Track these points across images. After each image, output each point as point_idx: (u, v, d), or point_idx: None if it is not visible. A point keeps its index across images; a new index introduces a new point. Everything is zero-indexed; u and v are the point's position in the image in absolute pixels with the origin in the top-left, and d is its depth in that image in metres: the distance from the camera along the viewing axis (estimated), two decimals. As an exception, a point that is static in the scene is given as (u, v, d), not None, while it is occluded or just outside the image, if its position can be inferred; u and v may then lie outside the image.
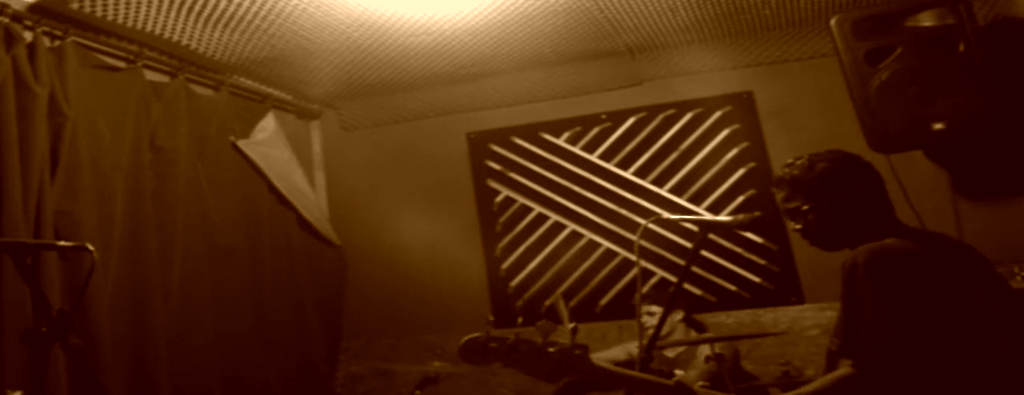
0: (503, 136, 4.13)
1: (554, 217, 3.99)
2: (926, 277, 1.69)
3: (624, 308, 3.82)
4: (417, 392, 3.10)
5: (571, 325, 1.78)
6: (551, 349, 1.71)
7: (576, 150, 4.01)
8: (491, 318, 1.79)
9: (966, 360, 1.65)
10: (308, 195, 3.98)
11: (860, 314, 1.68)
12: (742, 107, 3.81)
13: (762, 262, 3.69)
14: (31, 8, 2.62)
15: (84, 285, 2.00)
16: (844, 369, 1.72)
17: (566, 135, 4.04)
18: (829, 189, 1.87)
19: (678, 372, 3.23)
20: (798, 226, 1.93)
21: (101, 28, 2.89)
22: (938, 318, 1.64)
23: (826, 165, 1.89)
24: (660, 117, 3.92)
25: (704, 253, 3.70)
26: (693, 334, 3.42)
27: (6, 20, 2.49)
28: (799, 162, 1.94)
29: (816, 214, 1.89)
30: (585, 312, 3.88)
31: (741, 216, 2.07)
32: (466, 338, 1.71)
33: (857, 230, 1.85)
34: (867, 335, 1.67)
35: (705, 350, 3.16)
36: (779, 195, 1.97)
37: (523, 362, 1.71)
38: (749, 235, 3.70)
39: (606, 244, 3.90)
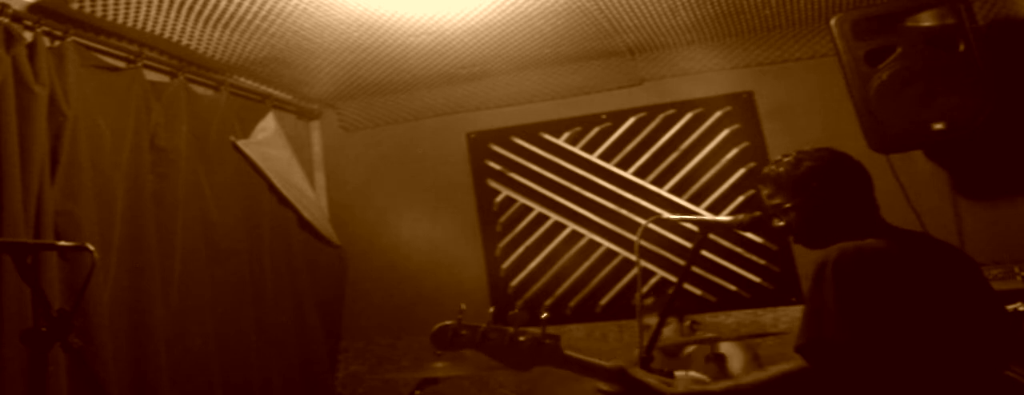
0: (503, 136, 4.13)
1: (554, 217, 3.99)
2: (896, 279, 1.67)
3: (624, 308, 3.83)
4: (417, 393, 3.09)
5: (544, 315, 1.80)
6: (522, 338, 1.76)
7: (576, 150, 4.01)
8: (463, 307, 1.82)
9: (930, 362, 1.63)
10: (308, 195, 3.98)
11: (823, 312, 1.67)
12: (742, 107, 3.81)
13: (762, 262, 3.69)
14: (31, 8, 2.62)
15: (84, 285, 1.99)
16: (795, 362, 1.72)
17: (566, 135, 4.04)
18: (811, 188, 1.87)
19: (679, 373, 3.22)
20: (781, 223, 1.93)
21: (101, 28, 2.89)
22: (903, 321, 1.63)
23: (811, 163, 1.89)
24: (660, 117, 3.92)
25: (704, 253, 3.70)
26: (695, 336, 3.41)
27: (6, 20, 2.49)
28: (786, 159, 1.94)
29: (798, 212, 1.89)
30: (585, 312, 3.88)
31: (741, 216, 2.07)
32: (438, 325, 1.75)
33: (839, 229, 1.85)
34: (826, 334, 1.65)
35: (702, 352, 3.16)
36: (764, 192, 1.97)
37: (494, 350, 1.76)
38: (749, 235, 3.70)
39: (606, 244, 3.90)
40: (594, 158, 3.98)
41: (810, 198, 1.88)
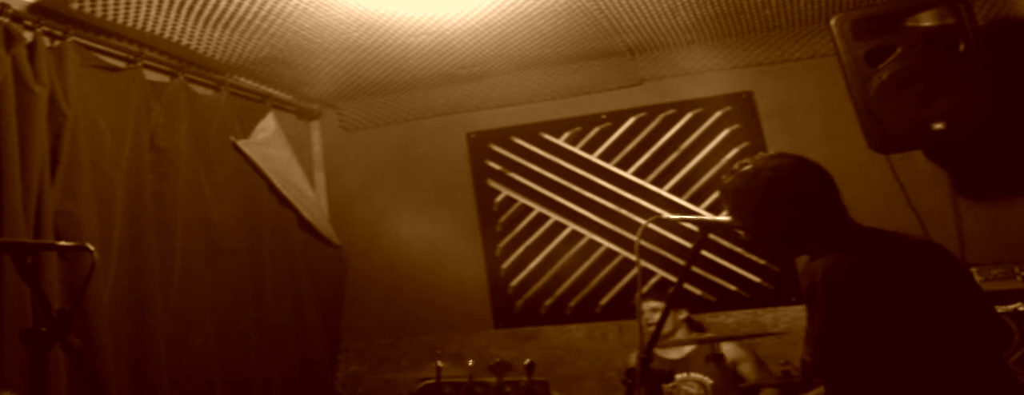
0: (503, 136, 4.13)
1: (554, 217, 3.99)
2: (885, 289, 1.65)
3: (624, 308, 3.82)
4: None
5: (526, 361, 1.75)
6: (508, 389, 1.71)
7: (576, 150, 4.01)
8: (441, 365, 1.77)
9: (933, 367, 1.63)
10: (308, 195, 3.98)
11: (826, 334, 1.64)
12: (742, 107, 3.81)
13: (762, 262, 3.69)
14: (31, 8, 2.62)
15: (84, 285, 1.99)
16: (821, 389, 1.70)
17: (566, 135, 4.03)
18: (771, 200, 1.80)
19: (679, 376, 3.22)
20: (746, 236, 1.88)
21: (101, 28, 2.89)
22: (902, 330, 1.62)
23: (769, 174, 1.81)
24: (660, 117, 3.92)
25: (704, 253, 3.70)
26: (695, 336, 3.41)
27: (6, 20, 2.49)
28: (744, 170, 1.86)
29: (761, 226, 1.83)
30: (585, 312, 3.88)
31: (741, 216, 2.06)
32: (420, 385, 1.70)
33: (806, 238, 1.80)
34: (834, 355, 1.63)
35: (702, 352, 3.16)
36: (725, 206, 1.91)
37: None
38: (749, 235, 3.70)
39: (606, 244, 3.90)
40: (594, 158, 3.98)
41: (772, 211, 1.81)
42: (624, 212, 3.89)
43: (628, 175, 3.92)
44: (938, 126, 2.87)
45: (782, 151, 1.91)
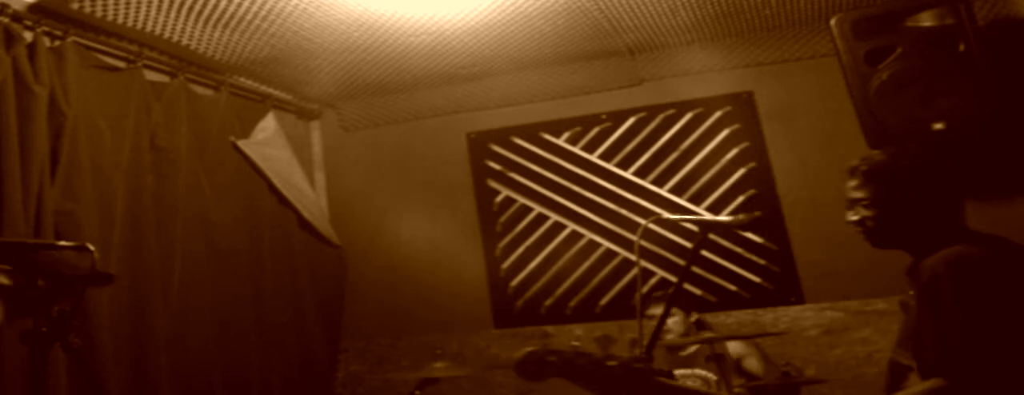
0: (503, 136, 4.13)
1: (554, 217, 3.99)
2: (1007, 285, 1.64)
3: (624, 308, 3.82)
4: (417, 393, 3.09)
5: (633, 336, 1.72)
6: (611, 363, 1.64)
7: (576, 150, 4.01)
8: (550, 330, 1.72)
9: None
10: (308, 195, 3.98)
11: (948, 328, 1.61)
12: (742, 107, 3.81)
13: (762, 262, 3.69)
14: (31, 8, 2.62)
15: (84, 285, 1.99)
16: (934, 381, 1.63)
17: (566, 135, 4.04)
18: (902, 186, 1.82)
19: (684, 371, 3.22)
20: (855, 217, 1.87)
21: (101, 28, 2.89)
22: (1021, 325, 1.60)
23: (908, 162, 1.83)
24: (660, 117, 3.92)
25: (704, 253, 3.70)
26: (697, 336, 3.41)
27: (6, 20, 2.49)
28: (883, 155, 1.88)
29: (879, 209, 1.83)
30: (585, 312, 3.88)
31: (741, 216, 2.07)
32: (524, 351, 1.62)
33: (916, 232, 1.81)
34: (958, 350, 1.60)
35: (705, 351, 3.15)
36: (849, 183, 1.91)
37: (581, 377, 1.64)
38: (749, 235, 3.70)
39: (606, 244, 3.90)
40: (594, 158, 3.98)
41: (897, 196, 1.82)
42: (624, 212, 3.89)
43: (628, 175, 3.92)
44: (938, 126, 2.87)
45: (923, 146, 1.93)
